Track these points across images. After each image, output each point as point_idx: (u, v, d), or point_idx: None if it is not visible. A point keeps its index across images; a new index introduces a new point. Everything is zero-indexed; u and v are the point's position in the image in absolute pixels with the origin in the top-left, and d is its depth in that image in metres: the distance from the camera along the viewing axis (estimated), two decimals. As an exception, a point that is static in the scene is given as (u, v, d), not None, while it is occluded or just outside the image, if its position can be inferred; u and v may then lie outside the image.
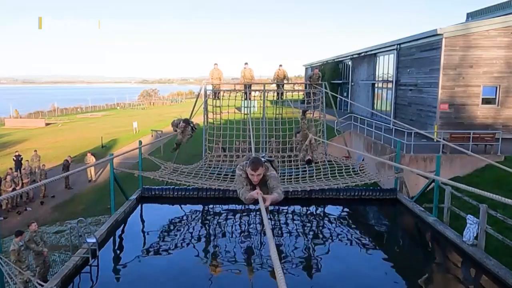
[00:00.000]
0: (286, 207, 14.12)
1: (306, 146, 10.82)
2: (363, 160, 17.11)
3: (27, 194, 17.92)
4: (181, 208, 14.63)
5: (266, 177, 4.25)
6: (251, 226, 12.77)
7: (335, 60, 39.97)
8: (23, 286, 9.06)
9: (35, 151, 22.20)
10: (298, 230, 12.54)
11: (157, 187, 15.28)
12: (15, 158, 21.15)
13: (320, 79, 19.35)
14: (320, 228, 12.97)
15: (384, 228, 13.53)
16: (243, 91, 19.24)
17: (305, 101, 20.12)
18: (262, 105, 18.81)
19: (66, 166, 20.05)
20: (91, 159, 20.50)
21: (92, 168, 20.41)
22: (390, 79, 25.15)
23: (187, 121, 13.14)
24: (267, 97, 19.12)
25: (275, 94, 19.93)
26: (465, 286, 9.60)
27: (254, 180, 4.20)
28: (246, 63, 18.86)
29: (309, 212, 14.39)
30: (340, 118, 21.06)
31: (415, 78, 21.58)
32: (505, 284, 8.40)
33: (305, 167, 15.77)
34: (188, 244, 11.44)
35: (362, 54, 31.02)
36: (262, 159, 4.49)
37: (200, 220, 13.82)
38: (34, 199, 18.21)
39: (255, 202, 4.16)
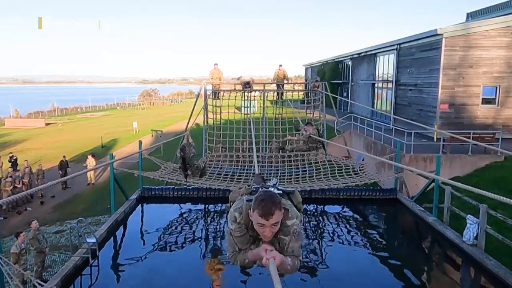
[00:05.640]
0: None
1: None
2: (363, 160, 17.11)
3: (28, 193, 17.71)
4: (181, 208, 14.64)
5: (281, 227, 2.46)
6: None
7: (335, 60, 39.95)
8: None
9: None
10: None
11: (157, 187, 15.29)
12: (9, 159, 21.17)
13: (320, 87, 19.08)
14: (320, 228, 12.99)
15: (384, 228, 13.53)
16: (242, 91, 19.20)
17: (305, 101, 20.08)
18: (262, 105, 18.80)
19: (63, 165, 19.96)
20: (91, 162, 20.21)
21: (92, 171, 20.16)
22: (390, 79, 25.15)
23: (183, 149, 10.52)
24: (267, 97, 19.10)
25: (275, 94, 19.91)
26: (465, 286, 9.61)
27: (266, 234, 2.38)
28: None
29: (309, 212, 14.38)
30: (340, 118, 21.05)
31: (415, 78, 21.57)
32: (505, 284, 8.41)
33: (305, 167, 15.75)
34: (188, 244, 11.45)
35: (362, 54, 31.01)
36: (276, 191, 2.62)
37: (200, 220, 13.82)
38: (34, 199, 18.18)
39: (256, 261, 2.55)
